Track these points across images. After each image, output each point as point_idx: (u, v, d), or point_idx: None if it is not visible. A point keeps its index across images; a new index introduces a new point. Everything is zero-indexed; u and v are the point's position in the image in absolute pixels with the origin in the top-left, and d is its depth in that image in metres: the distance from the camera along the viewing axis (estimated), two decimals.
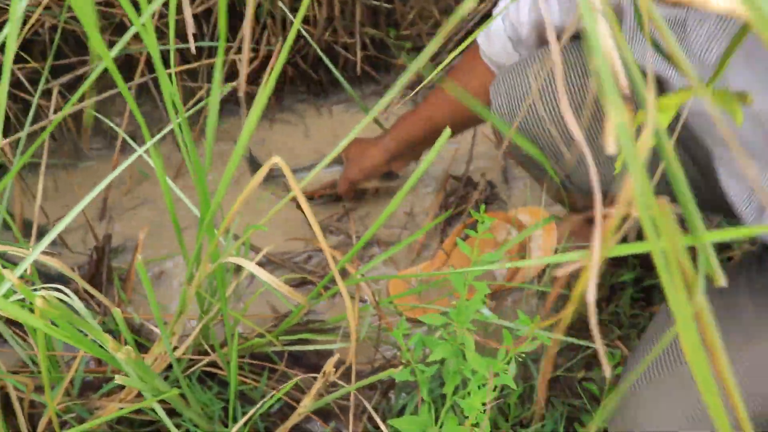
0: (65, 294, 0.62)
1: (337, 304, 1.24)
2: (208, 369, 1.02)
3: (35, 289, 0.65)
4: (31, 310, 0.55)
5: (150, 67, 1.35)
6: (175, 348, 0.93)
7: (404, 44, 1.56)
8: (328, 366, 0.66)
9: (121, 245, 1.29)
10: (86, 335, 0.62)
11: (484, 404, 0.69)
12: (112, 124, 1.02)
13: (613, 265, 1.27)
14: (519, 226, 1.29)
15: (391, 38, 1.55)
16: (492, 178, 1.40)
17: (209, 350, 0.98)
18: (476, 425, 0.68)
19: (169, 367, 0.94)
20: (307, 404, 0.72)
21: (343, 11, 1.51)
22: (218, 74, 0.69)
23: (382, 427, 0.76)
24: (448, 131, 0.70)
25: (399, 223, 1.34)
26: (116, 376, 0.57)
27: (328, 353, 1.12)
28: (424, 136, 1.16)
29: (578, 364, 1.16)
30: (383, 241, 1.31)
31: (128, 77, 1.41)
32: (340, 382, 0.85)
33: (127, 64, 1.44)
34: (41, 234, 1.18)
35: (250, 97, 1.44)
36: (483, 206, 0.83)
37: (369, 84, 1.56)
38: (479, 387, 0.67)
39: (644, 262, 1.25)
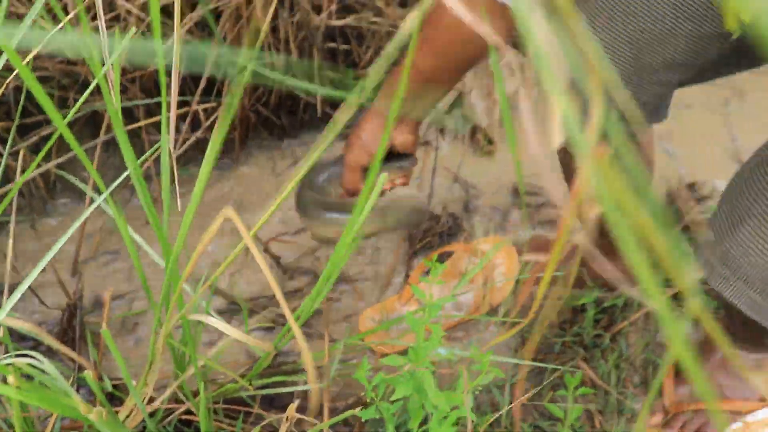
0: (36, 359, 0.65)
1: (311, 344, 1.27)
2: (185, 417, 1.05)
3: (7, 354, 0.68)
4: (4, 379, 0.58)
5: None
6: (152, 399, 0.95)
7: (363, 83, 1.60)
8: (290, 411, 0.70)
9: (95, 299, 1.31)
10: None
11: None
12: (77, 182, 1.05)
13: (574, 286, 1.31)
14: (482, 256, 1.33)
15: (349, 79, 1.60)
16: (454, 210, 1.44)
17: (184, 399, 1.00)
18: None
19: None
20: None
21: (301, 55, 1.56)
22: (165, 132, 0.73)
23: None
24: (384, 176, 0.74)
25: (365, 260, 1.38)
26: None
27: (302, 393, 1.15)
28: (414, 87, 0.98)
29: (546, 387, 1.20)
30: (351, 278, 1.35)
31: (96, 132, 1.44)
32: (312, 420, 0.88)
33: (93, 119, 1.47)
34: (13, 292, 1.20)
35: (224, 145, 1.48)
36: (442, 242, 0.87)
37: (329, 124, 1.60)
38: (440, 421, 0.71)
39: (604, 284, 1.30)
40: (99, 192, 1.39)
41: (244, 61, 0.78)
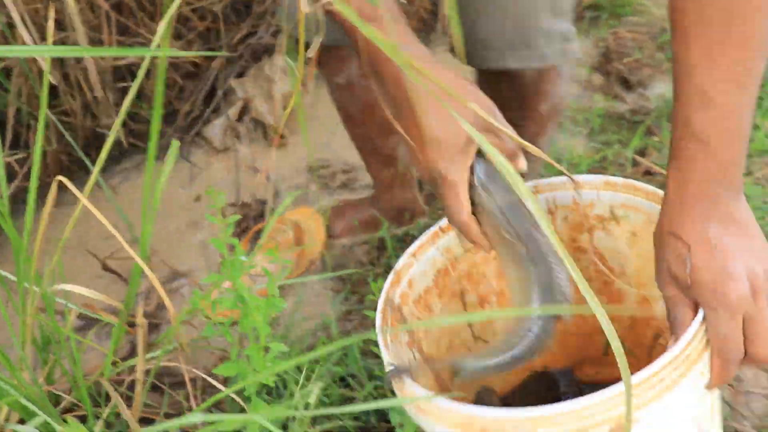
0: None
1: (159, 333, 1.44)
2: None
3: None
4: None
5: None
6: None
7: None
8: (140, 319, 0.89)
9: None
10: None
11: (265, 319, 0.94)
12: None
13: (373, 229, 1.57)
14: (293, 225, 1.57)
15: (144, 110, 1.79)
16: (261, 196, 1.67)
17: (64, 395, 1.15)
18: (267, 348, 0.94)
19: None
20: (140, 364, 0.93)
21: (96, 97, 1.73)
22: None
23: (212, 380, 1.00)
24: None
25: (195, 254, 1.57)
26: None
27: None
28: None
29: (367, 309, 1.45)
30: (185, 273, 1.54)
31: None
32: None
33: None
34: None
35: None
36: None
37: (138, 153, 1.78)
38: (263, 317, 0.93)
39: (393, 218, 1.57)
40: None
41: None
